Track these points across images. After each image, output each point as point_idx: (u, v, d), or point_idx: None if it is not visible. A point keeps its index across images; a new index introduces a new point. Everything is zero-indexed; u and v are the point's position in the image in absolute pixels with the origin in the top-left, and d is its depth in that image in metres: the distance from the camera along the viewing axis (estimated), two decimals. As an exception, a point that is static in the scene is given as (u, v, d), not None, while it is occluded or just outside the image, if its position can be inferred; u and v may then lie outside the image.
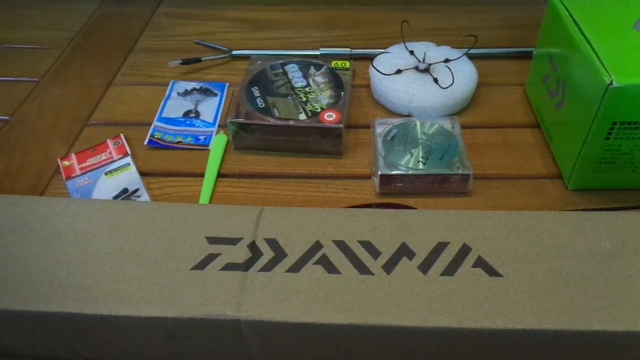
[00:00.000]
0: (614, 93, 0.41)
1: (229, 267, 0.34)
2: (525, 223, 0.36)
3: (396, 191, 0.50)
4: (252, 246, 0.35)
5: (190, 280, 0.33)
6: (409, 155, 0.50)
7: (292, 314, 0.31)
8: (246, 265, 0.34)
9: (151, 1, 0.82)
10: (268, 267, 0.34)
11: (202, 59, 0.67)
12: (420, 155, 0.50)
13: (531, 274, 0.33)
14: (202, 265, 0.34)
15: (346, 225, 0.36)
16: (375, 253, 0.34)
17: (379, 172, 0.49)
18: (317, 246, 0.35)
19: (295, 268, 0.34)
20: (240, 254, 0.34)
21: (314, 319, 0.31)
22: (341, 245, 0.35)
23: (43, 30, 0.76)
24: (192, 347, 0.34)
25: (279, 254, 0.34)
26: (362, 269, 0.33)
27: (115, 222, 0.37)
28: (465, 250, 0.34)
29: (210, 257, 0.34)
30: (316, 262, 0.34)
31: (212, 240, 0.35)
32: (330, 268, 0.33)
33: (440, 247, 0.35)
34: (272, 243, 0.35)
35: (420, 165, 0.49)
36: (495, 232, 0.35)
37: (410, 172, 0.49)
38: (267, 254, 0.34)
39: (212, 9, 0.79)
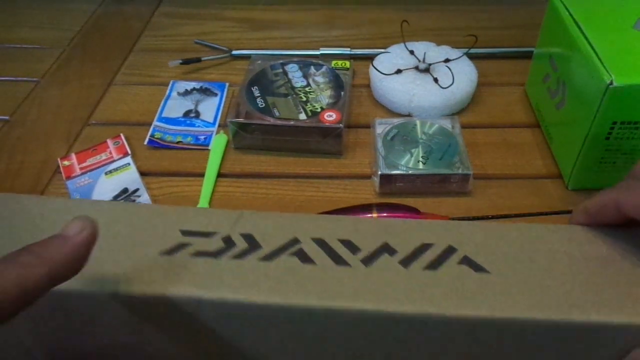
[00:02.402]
0: (614, 93, 0.41)
1: (200, 254, 0.33)
2: (516, 231, 0.35)
3: (396, 191, 0.50)
4: (227, 239, 0.34)
5: (157, 263, 0.33)
6: (409, 155, 0.50)
7: (260, 297, 0.30)
8: (217, 254, 0.33)
9: (151, 1, 0.82)
10: (240, 256, 0.33)
11: (202, 58, 0.67)
12: (420, 155, 0.50)
13: (521, 272, 0.31)
14: (171, 252, 0.34)
15: (327, 227, 0.35)
16: (354, 249, 0.33)
17: (379, 172, 0.49)
18: (295, 241, 0.34)
19: (269, 257, 0.33)
20: (213, 245, 0.34)
21: (282, 300, 0.30)
22: (320, 242, 0.34)
23: (43, 30, 0.76)
24: (155, 332, 0.34)
25: (254, 246, 0.34)
26: (339, 260, 0.32)
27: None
28: (450, 250, 0.33)
29: (182, 246, 0.34)
30: (292, 254, 0.33)
31: (186, 233, 0.35)
32: (305, 259, 0.33)
33: (425, 247, 0.34)
34: (248, 237, 0.34)
35: (420, 165, 0.49)
36: (483, 237, 0.34)
37: (410, 172, 0.49)
38: (241, 245, 0.34)
39: (212, 9, 0.79)
